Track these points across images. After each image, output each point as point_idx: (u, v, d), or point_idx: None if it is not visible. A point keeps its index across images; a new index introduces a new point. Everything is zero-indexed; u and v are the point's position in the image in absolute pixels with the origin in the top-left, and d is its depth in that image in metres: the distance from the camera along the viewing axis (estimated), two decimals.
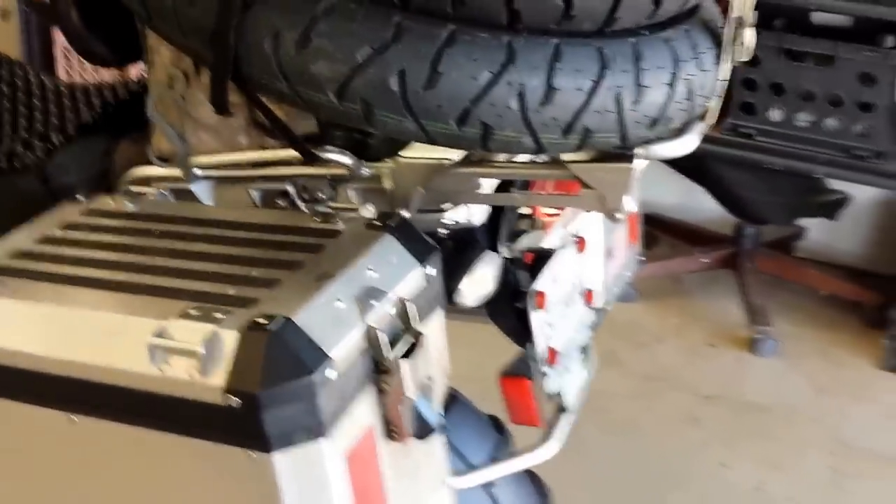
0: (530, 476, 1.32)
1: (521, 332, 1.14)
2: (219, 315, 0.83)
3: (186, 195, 1.12)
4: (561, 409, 1.21)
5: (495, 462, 1.20)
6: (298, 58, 0.85)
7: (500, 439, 1.26)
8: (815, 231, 2.67)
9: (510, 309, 1.13)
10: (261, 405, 0.80)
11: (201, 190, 1.13)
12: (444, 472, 1.03)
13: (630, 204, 0.99)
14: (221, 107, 0.94)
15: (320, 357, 0.82)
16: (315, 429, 0.82)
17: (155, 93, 1.10)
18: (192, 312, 0.84)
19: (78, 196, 1.11)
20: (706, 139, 1.03)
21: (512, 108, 0.85)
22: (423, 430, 0.92)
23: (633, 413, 2.17)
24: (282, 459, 0.82)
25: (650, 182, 1.34)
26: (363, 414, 0.88)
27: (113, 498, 0.91)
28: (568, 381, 1.21)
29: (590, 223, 1.28)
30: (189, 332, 0.82)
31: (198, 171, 1.10)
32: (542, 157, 1.01)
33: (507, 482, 1.25)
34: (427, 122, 0.86)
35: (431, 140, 0.89)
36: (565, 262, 1.20)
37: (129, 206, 1.08)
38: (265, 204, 1.11)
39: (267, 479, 0.83)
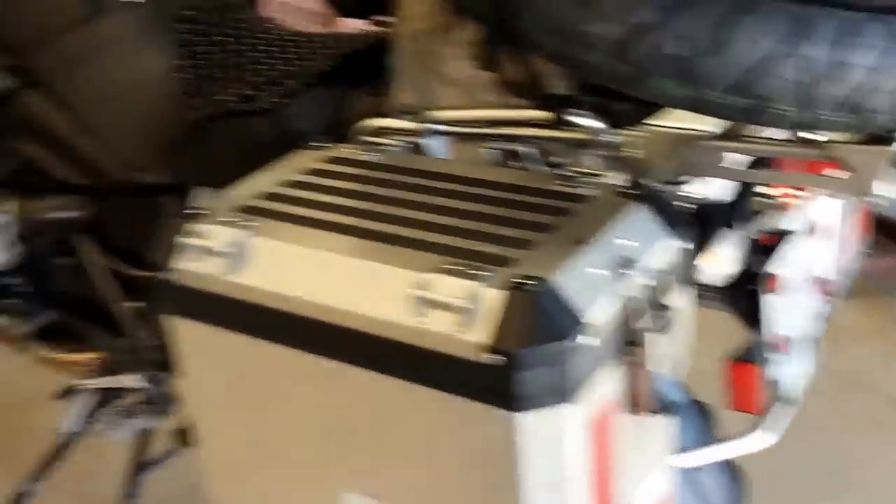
0: (729, 464, 1.29)
1: (752, 315, 1.10)
2: (479, 272, 0.83)
3: (420, 149, 1.13)
4: (778, 399, 1.17)
5: (702, 446, 1.17)
6: (576, 15, 0.83)
7: (707, 424, 1.23)
8: None
9: (743, 291, 1.10)
10: (518, 365, 0.79)
11: (436, 145, 1.13)
12: (669, 450, 1.01)
13: (883, 188, 0.94)
14: (487, 62, 0.94)
15: (577, 323, 0.81)
16: (563, 393, 0.82)
17: (402, 46, 1.10)
18: (453, 268, 0.84)
19: (317, 142, 1.13)
20: None
21: (796, 82, 0.82)
22: (663, 406, 0.90)
23: (817, 410, 2.09)
24: (527, 420, 0.82)
25: None
26: (607, 384, 0.87)
27: (354, 442, 0.93)
28: (793, 371, 1.16)
29: (826, 209, 1.23)
30: (451, 287, 0.82)
31: (435, 126, 1.11)
32: (794, 136, 0.97)
33: (709, 467, 1.22)
34: (702, 89, 0.83)
35: (699, 109, 0.86)
36: (800, 248, 1.15)
37: (370, 156, 1.09)
38: (496, 163, 1.11)
39: (511, 438, 0.83)
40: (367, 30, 1.29)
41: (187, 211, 1.00)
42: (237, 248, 0.94)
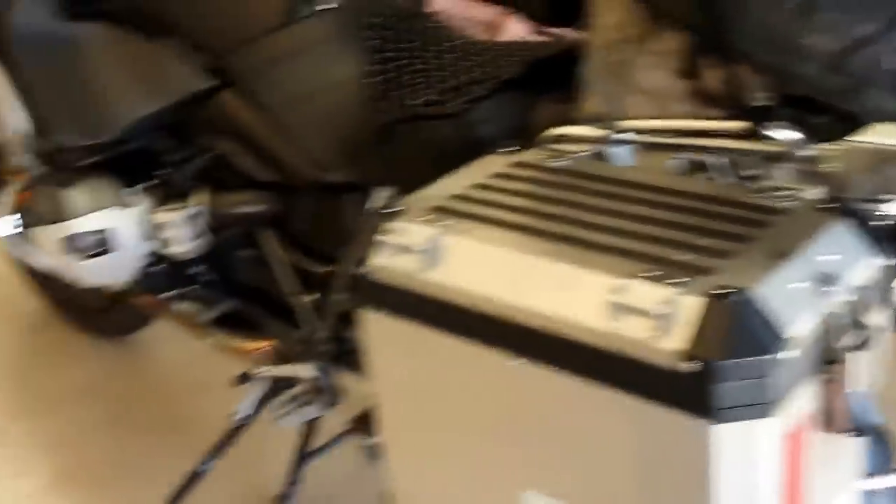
0: None
1: None
2: (678, 280, 0.84)
3: (604, 158, 1.14)
4: None
5: (881, 471, 1.13)
6: (794, 27, 0.83)
7: (886, 449, 1.20)
8: None
9: None
10: (717, 375, 0.79)
11: (622, 154, 1.14)
12: (858, 472, 0.99)
13: None
14: (689, 71, 0.94)
15: (779, 336, 0.80)
16: (761, 407, 0.81)
17: (594, 54, 1.12)
18: (651, 275, 0.85)
19: (505, 147, 1.16)
20: None
21: None
22: (859, 426, 0.88)
23: None
24: (723, 431, 0.81)
25: None
26: (804, 400, 0.86)
27: (539, 441, 0.94)
28: None
29: None
30: (648, 293, 0.83)
31: (624, 135, 1.12)
32: None
33: (885, 496, 1.18)
34: None
35: None
36: None
37: (557, 162, 1.11)
38: (683, 174, 1.11)
39: (703, 448, 0.83)
40: (554, 38, 1.30)
41: (383, 210, 1.03)
42: (432, 246, 0.97)
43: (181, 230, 1.57)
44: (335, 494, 1.91)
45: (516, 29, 2.22)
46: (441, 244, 0.97)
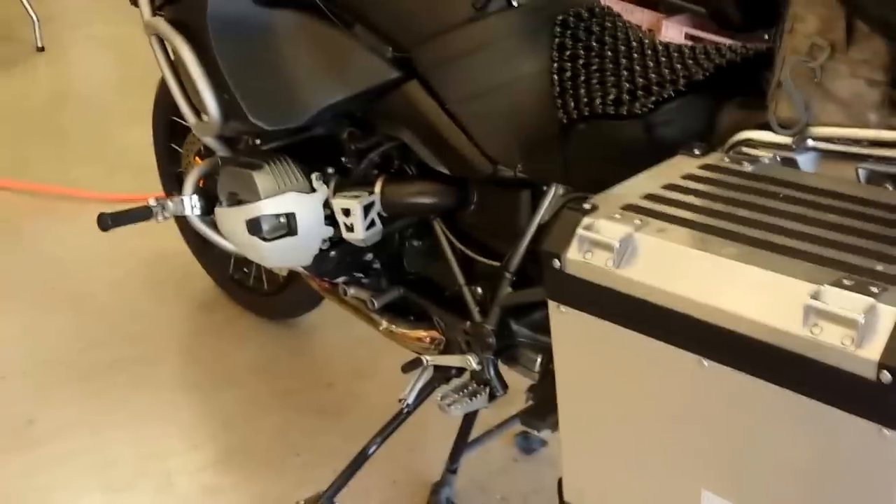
0: None
1: None
2: (874, 289, 0.84)
3: (789, 163, 1.14)
4: None
5: None
6: None
7: None
8: None
9: None
10: None
11: (808, 161, 1.13)
12: None
13: None
14: (892, 81, 0.93)
15: None
16: None
17: (788, 60, 1.11)
18: (847, 282, 0.85)
19: (694, 149, 1.16)
20: None
21: None
22: None
23: None
24: None
25: None
26: None
27: (724, 442, 0.95)
28: None
29: None
30: (847, 301, 0.83)
31: (812, 142, 1.11)
32: None
33: None
34: None
35: None
36: None
37: (746, 167, 1.11)
38: (871, 184, 1.09)
39: (892, 458, 0.82)
40: (744, 43, 1.30)
41: (577, 205, 1.06)
42: (626, 243, 0.99)
43: (359, 217, 1.63)
44: (488, 486, 1.95)
45: (672, 33, 2.20)
46: (635, 242, 0.99)
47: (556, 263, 1.03)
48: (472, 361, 1.60)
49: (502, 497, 1.94)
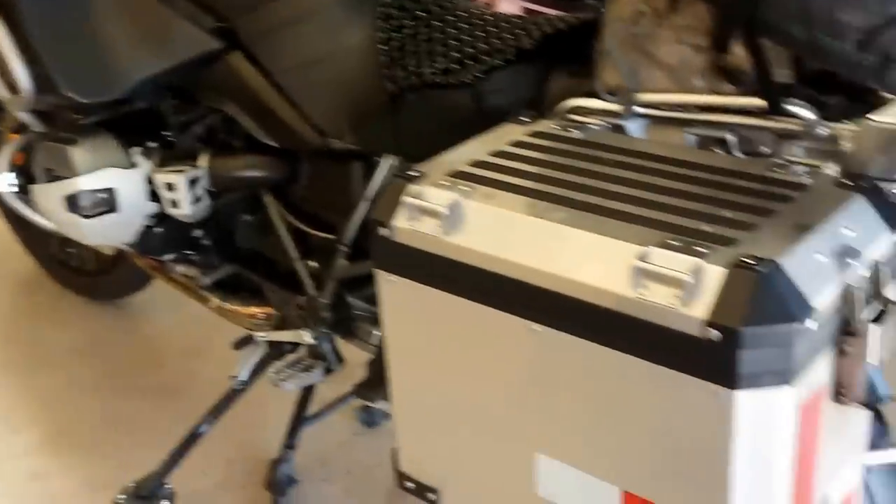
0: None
1: None
2: (701, 249, 0.85)
3: (619, 130, 1.15)
4: None
5: (878, 446, 1.16)
6: (829, 3, 0.83)
7: (883, 429, 1.22)
8: None
9: None
10: (740, 343, 0.81)
11: (636, 127, 1.15)
12: (864, 444, 1.01)
13: None
14: (714, 46, 0.95)
15: (804, 306, 0.82)
16: (783, 375, 0.83)
17: (613, 27, 1.12)
18: (674, 243, 0.86)
19: (522, 117, 1.16)
20: None
21: None
22: (872, 398, 0.90)
23: None
24: (744, 399, 0.83)
25: None
26: (821, 370, 0.87)
27: (557, 405, 0.95)
28: None
29: None
30: (674, 261, 0.84)
31: (639, 108, 1.12)
32: None
33: (880, 472, 1.21)
34: None
35: None
36: None
37: (574, 133, 1.11)
38: (699, 148, 1.12)
39: (724, 415, 0.84)
40: (570, 13, 1.30)
41: (402, 173, 1.03)
42: (453, 210, 0.97)
43: (184, 192, 1.56)
44: (330, 461, 1.93)
45: (508, 6, 2.22)
46: (462, 208, 0.97)
47: (384, 232, 1.01)
48: (306, 336, 1.56)
49: (346, 471, 1.92)
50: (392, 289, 1.04)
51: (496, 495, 1.07)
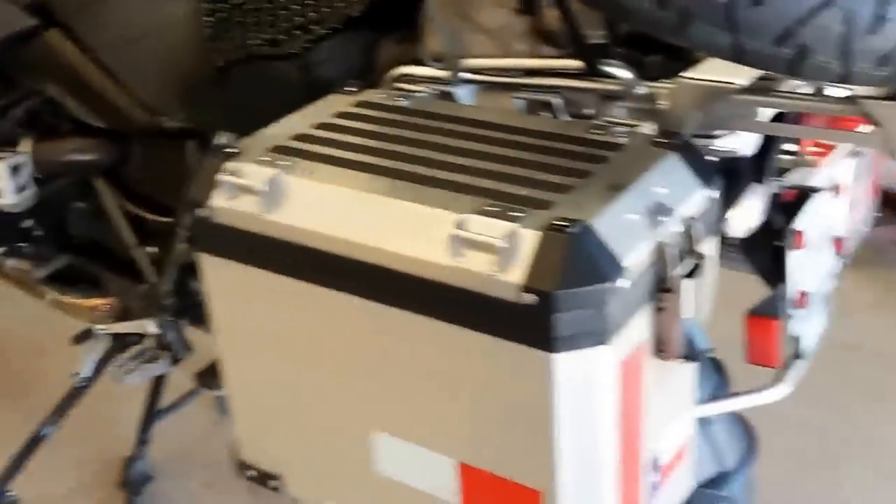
0: (741, 421, 1.31)
1: (773, 271, 1.11)
2: (516, 214, 0.84)
3: (448, 97, 1.14)
4: (797, 353, 1.19)
5: (717, 398, 1.19)
6: None
7: (720, 379, 1.25)
8: None
9: (765, 245, 1.11)
10: (555, 305, 0.80)
11: (465, 93, 1.14)
12: (693, 397, 1.03)
13: None
14: (525, 9, 0.94)
15: (616, 266, 0.82)
16: (600, 335, 0.83)
17: None
18: (490, 209, 0.85)
19: (348, 87, 1.13)
20: None
21: (836, 34, 0.82)
22: (692, 352, 0.91)
23: (824, 379, 2.12)
24: (564, 361, 0.83)
25: None
26: (639, 327, 0.88)
27: (388, 381, 0.94)
28: (809, 327, 1.18)
29: (841, 169, 1.23)
30: (489, 228, 0.83)
31: (466, 74, 1.11)
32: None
33: (721, 420, 1.24)
34: (744, 38, 0.84)
35: (741, 59, 0.86)
36: (822, 206, 1.16)
37: (400, 102, 1.09)
38: (525, 113, 1.11)
39: (545, 379, 0.84)
40: None
41: (220, 149, 1.00)
42: (273, 186, 0.94)
43: (6, 180, 1.48)
44: (190, 454, 1.88)
45: None
46: (282, 184, 0.94)
47: (201, 212, 0.97)
48: (150, 326, 1.50)
49: (204, 463, 1.87)
50: (215, 271, 1.00)
51: (337, 476, 1.05)
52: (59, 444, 1.71)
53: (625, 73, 1.01)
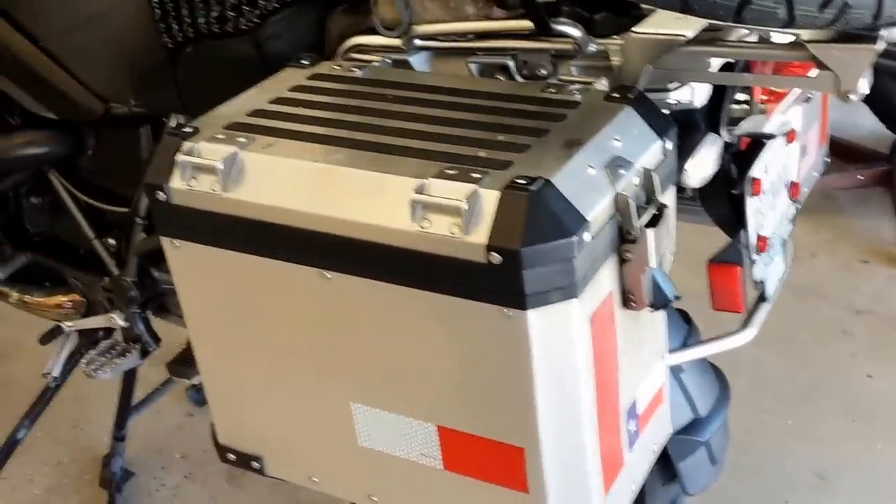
0: (712, 367, 1.33)
1: (732, 219, 1.13)
2: (476, 175, 0.84)
3: (403, 66, 1.14)
4: (760, 299, 1.21)
5: (685, 347, 1.21)
6: None
7: (689, 329, 1.27)
8: None
9: (725, 195, 1.12)
10: (522, 262, 0.81)
11: (419, 60, 1.13)
12: (665, 346, 1.04)
13: (865, 87, 0.96)
14: None
15: (578, 220, 0.83)
16: (568, 289, 0.84)
17: None
18: (450, 172, 0.85)
19: (302, 60, 1.13)
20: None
21: None
22: (660, 300, 0.92)
23: (785, 324, 2.16)
24: (535, 317, 0.84)
25: None
26: (606, 279, 0.89)
27: (361, 352, 0.94)
28: (770, 270, 1.20)
29: (793, 117, 1.25)
30: (451, 191, 0.83)
31: (419, 42, 1.11)
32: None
33: (692, 369, 1.26)
34: None
35: (688, 8, 0.87)
36: (776, 152, 1.18)
37: (355, 72, 1.09)
38: (481, 76, 1.11)
39: (519, 336, 0.85)
40: None
41: (175, 130, 0.99)
42: (230, 164, 0.93)
43: None
44: (165, 446, 1.87)
45: None
46: (240, 161, 0.94)
47: (161, 196, 0.96)
48: (117, 319, 1.49)
49: (182, 455, 1.86)
50: (179, 255, 1.00)
51: (319, 452, 1.05)
52: (35, 446, 1.69)
53: (575, 32, 1.01)
